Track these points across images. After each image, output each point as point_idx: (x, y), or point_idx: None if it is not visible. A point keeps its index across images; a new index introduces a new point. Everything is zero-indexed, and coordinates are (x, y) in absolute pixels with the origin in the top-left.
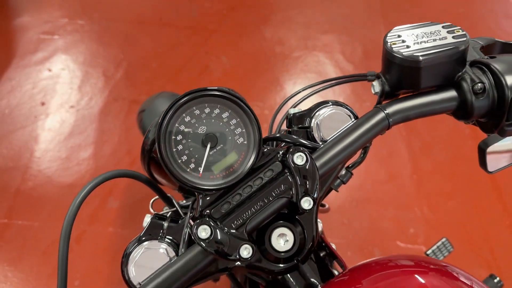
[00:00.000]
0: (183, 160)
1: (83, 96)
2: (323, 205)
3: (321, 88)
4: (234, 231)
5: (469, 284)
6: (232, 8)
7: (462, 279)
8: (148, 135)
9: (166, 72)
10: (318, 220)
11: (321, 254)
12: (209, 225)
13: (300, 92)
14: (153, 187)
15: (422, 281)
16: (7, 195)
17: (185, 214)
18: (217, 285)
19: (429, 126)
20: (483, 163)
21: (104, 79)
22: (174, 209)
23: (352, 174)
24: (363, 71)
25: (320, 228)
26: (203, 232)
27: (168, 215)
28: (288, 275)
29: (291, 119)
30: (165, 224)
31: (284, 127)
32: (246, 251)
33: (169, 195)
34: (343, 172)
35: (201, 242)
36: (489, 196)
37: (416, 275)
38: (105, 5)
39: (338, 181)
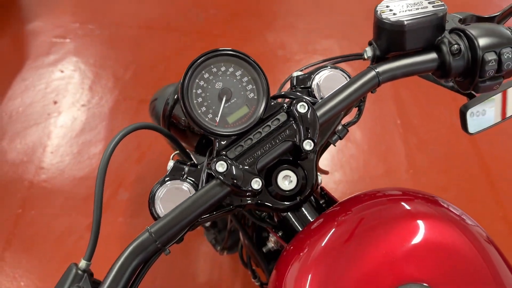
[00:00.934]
0: (203, 111)
1: (94, 95)
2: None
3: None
4: (246, 167)
5: (457, 213)
6: (237, 15)
7: (451, 209)
8: (168, 102)
9: (173, 74)
10: (319, 175)
11: (321, 202)
12: (226, 161)
13: (303, 70)
14: (173, 141)
15: (409, 208)
16: (21, 187)
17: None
18: (221, 274)
19: (425, 123)
20: (464, 125)
21: (114, 80)
22: (193, 162)
23: (348, 130)
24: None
25: (319, 180)
26: (220, 167)
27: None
28: (293, 218)
29: (294, 82)
30: (186, 167)
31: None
32: (256, 183)
33: (187, 150)
34: (340, 127)
35: (219, 176)
36: (483, 190)
37: (403, 203)
38: (115, 11)
39: (336, 136)
